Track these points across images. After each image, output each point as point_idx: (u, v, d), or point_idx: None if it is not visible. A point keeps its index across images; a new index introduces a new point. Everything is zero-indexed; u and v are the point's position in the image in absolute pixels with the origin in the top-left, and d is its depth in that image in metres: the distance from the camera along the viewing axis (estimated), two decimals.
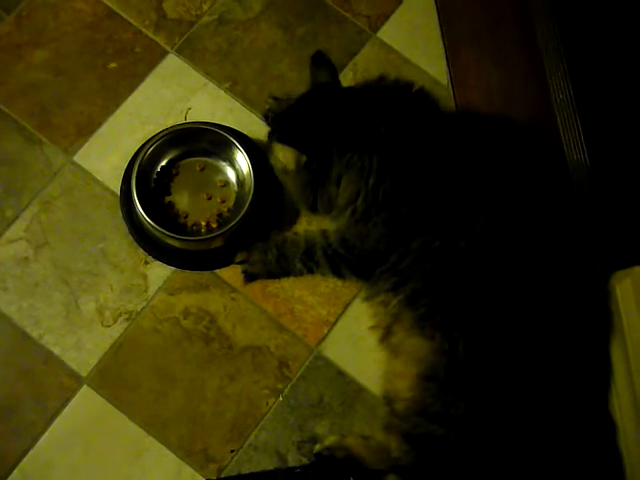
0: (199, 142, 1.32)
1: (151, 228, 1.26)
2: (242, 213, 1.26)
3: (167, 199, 1.32)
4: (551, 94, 1.17)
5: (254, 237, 1.30)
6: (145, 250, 1.30)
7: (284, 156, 1.17)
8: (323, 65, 1.23)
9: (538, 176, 1.14)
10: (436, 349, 1.08)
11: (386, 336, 1.17)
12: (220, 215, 1.31)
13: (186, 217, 1.31)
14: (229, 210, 1.32)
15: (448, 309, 1.09)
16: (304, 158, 1.16)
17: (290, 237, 1.28)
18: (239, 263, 1.29)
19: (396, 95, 1.18)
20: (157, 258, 1.30)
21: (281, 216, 1.34)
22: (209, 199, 1.32)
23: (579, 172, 1.14)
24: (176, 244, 1.27)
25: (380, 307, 1.17)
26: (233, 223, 1.26)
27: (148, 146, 1.29)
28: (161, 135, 1.30)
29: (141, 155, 1.28)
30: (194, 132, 1.32)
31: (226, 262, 1.30)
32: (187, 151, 1.33)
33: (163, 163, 1.32)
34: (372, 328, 1.20)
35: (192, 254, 1.29)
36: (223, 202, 1.32)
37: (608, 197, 1.10)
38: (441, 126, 1.16)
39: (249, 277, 1.29)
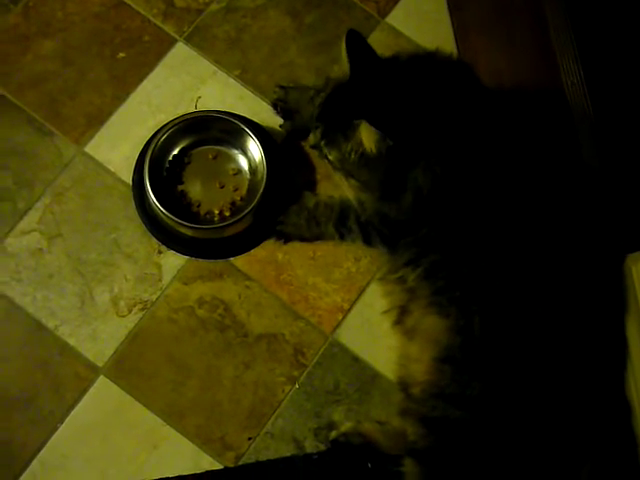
0: (211, 130, 1.31)
1: (164, 217, 1.25)
2: (255, 201, 1.26)
3: (179, 188, 1.32)
4: (562, 78, 1.17)
5: (268, 224, 1.30)
6: (158, 239, 1.30)
7: (370, 138, 1.07)
8: (362, 45, 1.13)
9: (553, 158, 1.14)
10: (451, 327, 1.08)
11: (400, 317, 1.17)
12: (233, 203, 1.31)
13: (199, 206, 1.31)
14: (242, 198, 1.31)
15: (466, 282, 1.09)
16: (388, 143, 1.06)
17: (324, 200, 1.28)
18: (275, 223, 1.29)
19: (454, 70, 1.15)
20: (170, 247, 1.30)
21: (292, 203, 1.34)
22: (222, 187, 1.32)
23: (592, 156, 1.13)
24: (189, 233, 1.27)
25: (397, 284, 1.17)
26: (246, 211, 1.26)
27: (160, 135, 1.28)
28: (172, 124, 1.29)
29: (153, 144, 1.28)
30: (206, 120, 1.31)
31: (240, 250, 1.30)
32: (199, 140, 1.32)
33: (175, 152, 1.32)
34: (386, 312, 1.20)
35: (205, 243, 1.29)
36: (236, 190, 1.32)
37: (621, 179, 1.10)
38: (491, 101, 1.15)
39: (279, 235, 1.30)
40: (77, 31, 1.40)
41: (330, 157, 1.14)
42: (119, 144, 1.35)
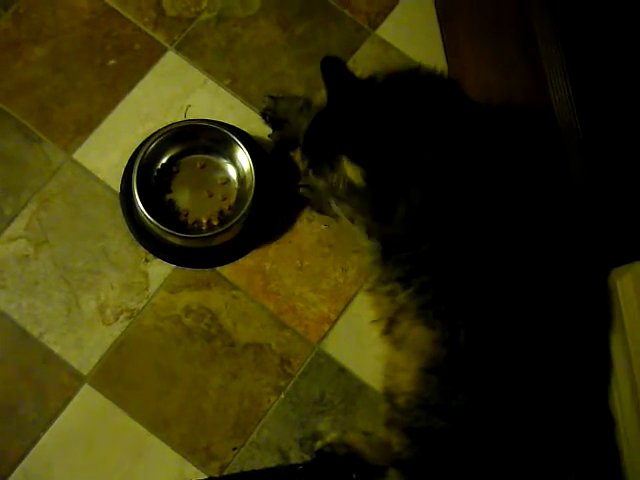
0: (199, 139, 1.31)
1: (152, 226, 1.25)
2: (243, 210, 1.26)
3: (168, 197, 1.32)
4: (550, 93, 1.17)
5: (256, 234, 1.30)
6: (146, 248, 1.30)
7: (353, 173, 1.06)
8: (339, 71, 1.10)
9: (540, 174, 1.15)
10: (437, 339, 1.08)
11: (389, 327, 1.17)
12: (221, 212, 1.31)
13: (187, 215, 1.31)
14: (230, 207, 1.31)
15: (453, 296, 1.09)
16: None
17: None
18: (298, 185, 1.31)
19: (436, 86, 1.13)
20: (158, 256, 1.29)
21: (281, 213, 1.34)
22: (210, 197, 1.32)
23: (578, 173, 1.14)
24: (177, 242, 1.27)
25: (386, 297, 1.17)
26: (234, 221, 1.26)
27: (148, 144, 1.28)
28: (161, 132, 1.30)
29: (141, 153, 1.28)
30: (194, 129, 1.31)
31: (227, 259, 1.30)
32: (188, 148, 1.32)
33: (164, 161, 1.32)
34: (374, 322, 1.20)
35: (193, 252, 1.29)
36: (224, 199, 1.32)
37: (608, 192, 1.10)
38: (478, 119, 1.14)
39: (302, 194, 1.31)
40: (67, 38, 1.40)
41: (319, 186, 1.14)
42: (108, 152, 1.34)
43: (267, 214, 1.31)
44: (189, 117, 1.37)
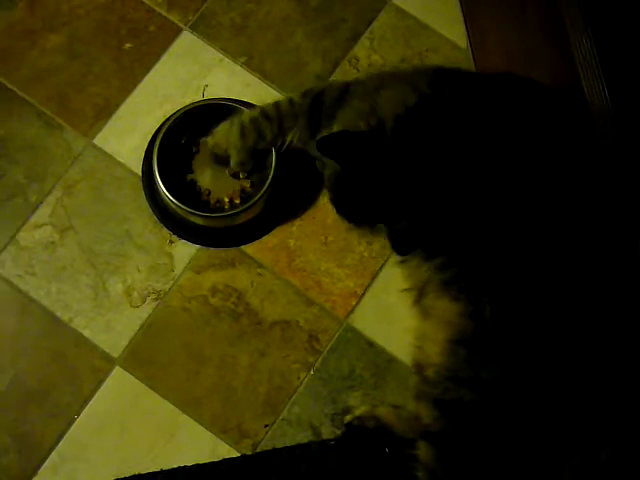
0: (218, 118, 1.31)
1: (174, 207, 1.25)
2: (265, 188, 1.25)
3: (189, 177, 1.31)
4: (574, 54, 1.14)
5: (279, 211, 1.29)
6: (169, 229, 1.30)
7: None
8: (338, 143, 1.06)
9: (568, 142, 1.12)
10: (462, 312, 1.07)
11: (419, 298, 1.16)
12: (243, 191, 1.30)
13: (209, 194, 1.31)
14: (252, 185, 1.31)
15: (474, 276, 1.08)
16: None
17: None
18: None
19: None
20: (182, 237, 1.30)
21: (304, 189, 1.33)
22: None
23: (606, 136, 1.11)
24: (200, 222, 1.27)
25: (414, 269, 1.16)
26: (256, 198, 1.25)
27: (167, 125, 1.28)
28: (180, 113, 1.29)
29: (161, 134, 1.27)
30: (213, 108, 1.30)
31: (251, 238, 1.30)
32: (207, 128, 1.31)
33: (183, 141, 1.31)
34: (406, 290, 1.19)
35: (216, 231, 1.29)
36: (246, 178, 1.32)
37: (636, 157, 1.08)
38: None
39: None
40: (82, 24, 1.40)
41: None
42: (128, 135, 1.35)
43: (289, 190, 1.30)
44: (207, 96, 1.36)
